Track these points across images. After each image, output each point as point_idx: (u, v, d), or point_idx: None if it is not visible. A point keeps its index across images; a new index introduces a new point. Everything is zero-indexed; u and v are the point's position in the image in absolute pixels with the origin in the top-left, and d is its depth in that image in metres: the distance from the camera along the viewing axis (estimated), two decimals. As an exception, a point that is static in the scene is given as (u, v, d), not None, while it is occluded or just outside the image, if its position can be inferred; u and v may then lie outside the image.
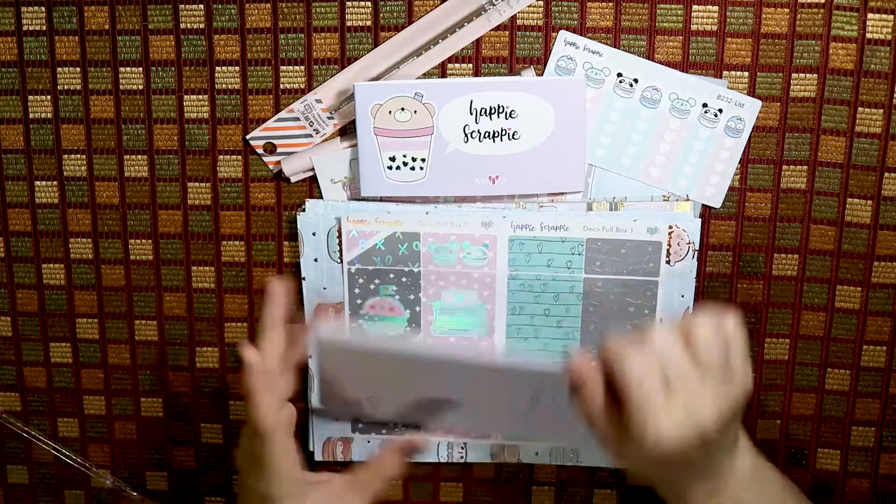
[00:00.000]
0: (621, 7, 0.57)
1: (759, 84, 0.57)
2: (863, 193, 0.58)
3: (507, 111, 0.55)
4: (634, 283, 0.59)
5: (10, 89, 0.60)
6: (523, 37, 0.57)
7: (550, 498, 0.64)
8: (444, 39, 0.58)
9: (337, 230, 0.59)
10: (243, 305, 0.63)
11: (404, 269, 0.59)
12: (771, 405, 0.62)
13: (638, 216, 0.57)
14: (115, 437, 0.66)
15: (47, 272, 0.63)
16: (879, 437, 0.62)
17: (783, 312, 0.60)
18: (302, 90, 0.59)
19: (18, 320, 0.64)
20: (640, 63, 0.57)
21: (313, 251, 0.60)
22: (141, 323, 0.63)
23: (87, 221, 0.62)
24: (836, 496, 0.63)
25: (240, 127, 0.60)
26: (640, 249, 0.58)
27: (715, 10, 0.56)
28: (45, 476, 0.67)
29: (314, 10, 0.58)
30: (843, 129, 0.57)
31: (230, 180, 0.61)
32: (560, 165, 0.56)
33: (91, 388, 0.65)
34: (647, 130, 0.58)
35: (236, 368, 0.64)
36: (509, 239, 0.58)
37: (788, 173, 0.58)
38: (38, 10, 0.59)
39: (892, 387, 0.61)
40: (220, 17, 0.58)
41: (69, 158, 0.61)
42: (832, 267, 0.59)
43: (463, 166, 0.56)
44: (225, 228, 0.61)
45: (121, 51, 0.59)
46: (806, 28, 0.56)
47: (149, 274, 0.63)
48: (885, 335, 0.60)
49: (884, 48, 0.56)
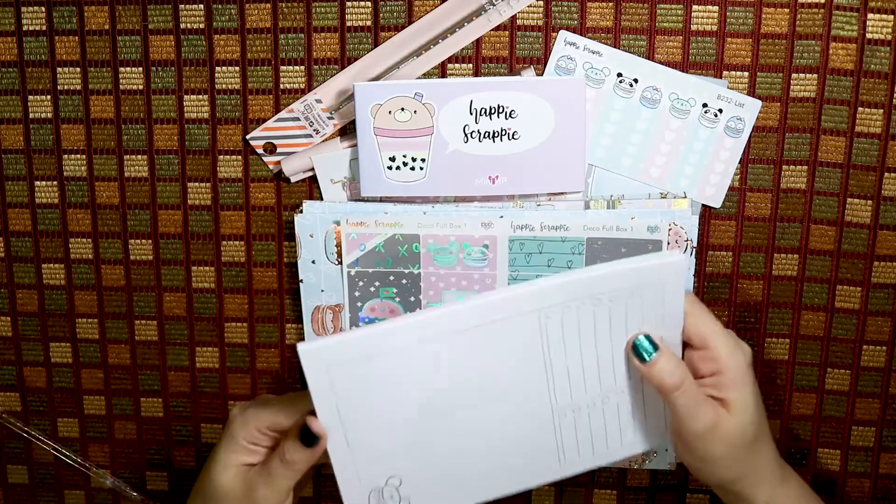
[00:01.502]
0: (621, 7, 0.57)
1: (759, 84, 0.57)
2: (863, 193, 0.58)
3: (507, 111, 0.55)
4: None
5: (10, 89, 0.60)
6: (523, 37, 0.57)
7: (550, 498, 0.64)
8: (443, 39, 0.58)
9: (335, 233, 0.59)
10: (243, 305, 0.63)
11: (404, 272, 0.59)
12: (771, 405, 0.62)
13: (635, 214, 0.57)
14: (115, 437, 0.66)
15: (47, 272, 0.63)
16: (879, 436, 0.62)
17: (783, 312, 0.60)
18: (302, 90, 0.59)
19: (18, 320, 0.64)
20: (641, 63, 0.57)
21: (311, 253, 0.60)
22: (141, 323, 0.63)
23: (87, 221, 0.62)
24: (837, 496, 0.63)
25: (240, 127, 0.60)
26: (641, 248, 0.58)
27: (715, 10, 0.56)
28: (45, 476, 0.67)
29: (314, 10, 0.58)
30: (843, 130, 0.57)
31: (230, 180, 0.61)
32: (560, 165, 0.56)
33: (91, 388, 0.65)
34: (647, 130, 0.58)
35: (236, 368, 0.64)
36: (509, 239, 0.58)
37: (788, 173, 0.58)
38: (38, 10, 0.59)
39: (892, 387, 0.61)
40: (220, 17, 0.58)
41: (69, 158, 0.61)
42: (832, 267, 0.59)
43: (463, 166, 0.56)
44: (225, 228, 0.61)
45: (121, 51, 0.59)
46: (806, 28, 0.56)
47: (149, 274, 0.63)
48: (885, 335, 0.60)
49: (884, 48, 0.56)
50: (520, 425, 0.49)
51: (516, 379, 0.47)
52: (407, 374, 0.45)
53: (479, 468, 0.49)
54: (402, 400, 0.46)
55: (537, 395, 0.48)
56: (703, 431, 0.46)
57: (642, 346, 0.47)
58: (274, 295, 0.62)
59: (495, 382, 0.47)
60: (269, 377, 0.64)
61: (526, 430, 0.49)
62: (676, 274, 0.46)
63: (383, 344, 0.44)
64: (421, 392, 0.46)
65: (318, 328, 0.61)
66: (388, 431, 0.47)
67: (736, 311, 0.60)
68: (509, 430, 0.49)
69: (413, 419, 0.47)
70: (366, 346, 0.44)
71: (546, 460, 0.50)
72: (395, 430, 0.47)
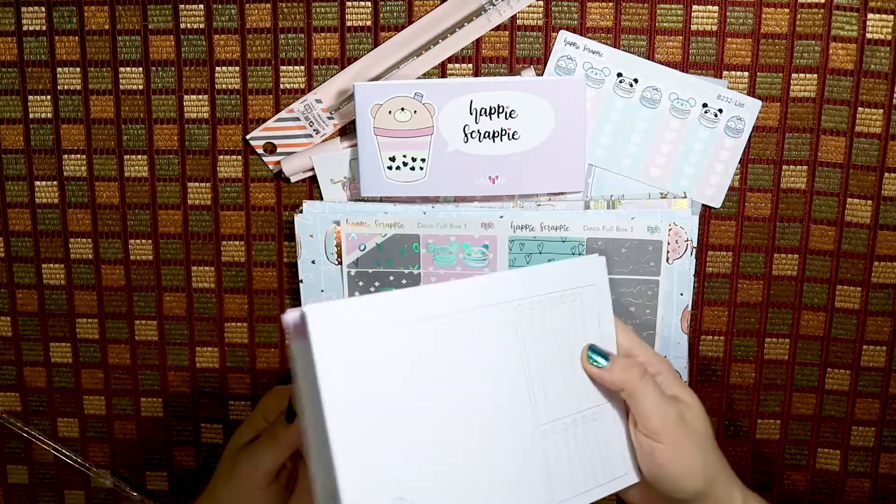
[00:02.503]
0: (621, 7, 0.57)
1: (759, 84, 0.57)
2: (863, 193, 0.58)
3: (507, 111, 0.55)
4: (635, 282, 0.59)
5: (10, 89, 0.60)
6: (523, 37, 0.57)
7: None
8: (444, 39, 0.58)
9: (335, 233, 0.59)
10: (243, 305, 0.63)
11: (404, 272, 0.59)
12: (771, 405, 0.62)
13: (636, 214, 0.57)
14: (115, 437, 0.66)
15: (47, 272, 0.63)
16: (879, 436, 0.62)
17: (783, 312, 0.60)
18: (302, 90, 0.59)
19: (18, 320, 0.64)
20: (641, 63, 0.57)
21: (311, 253, 0.60)
22: (141, 323, 0.64)
23: (87, 221, 0.62)
24: (837, 496, 0.63)
25: (240, 127, 0.60)
26: (641, 249, 0.58)
27: (715, 10, 0.56)
28: (45, 476, 0.67)
29: (314, 11, 0.58)
30: (843, 129, 0.57)
31: (230, 180, 0.61)
32: (560, 165, 0.56)
33: (91, 388, 0.65)
34: (647, 130, 0.58)
35: (236, 368, 0.64)
36: (509, 239, 0.58)
37: (788, 173, 0.58)
38: (38, 10, 0.59)
39: (892, 387, 0.61)
40: (220, 17, 0.58)
41: (69, 158, 0.61)
42: (832, 267, 0.59)
43: (463, 166, 0.56)
44: (225, 228, 0.61)
45: (121, 51, 0.59)
46: (806, 28, 0.56)
47: (149, 274, 0.63)
48: (885, 335, 0.60)
49: (884, 48, 0.56)
50: (503, 447, 0.46)
51: (498, 389, 0.46)
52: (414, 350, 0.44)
53: (465, 483, 0.45)
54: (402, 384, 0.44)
55: (517, 407, 0.47)
56: (673, 420, 0.47)
57: (596, 353, 0.48)
58: (274, 295, 0.62)
59: (473, 379, 0.46)
60: (268, 377, 0.64)
61: (510, 452, 0.47)
62: (599, 273, 0.50)
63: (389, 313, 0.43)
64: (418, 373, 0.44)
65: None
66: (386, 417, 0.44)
67: (736, 311, 0.60)
68: (493, 449, 0.46)
69: (410, 411, 0.44)
70: (373, 312, 0.42)
71: (533, 487, 0.48)
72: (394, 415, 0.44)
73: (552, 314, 0.48)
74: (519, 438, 0.47)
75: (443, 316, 0.44)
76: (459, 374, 0.45)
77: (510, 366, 0.47)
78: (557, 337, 0.48)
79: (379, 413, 0.43)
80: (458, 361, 0.45)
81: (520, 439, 0.47)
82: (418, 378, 0.44)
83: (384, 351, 0.42)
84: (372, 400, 0.42)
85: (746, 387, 0.61)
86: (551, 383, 0.48)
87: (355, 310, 0.41)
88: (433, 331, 0.44)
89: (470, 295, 0.45)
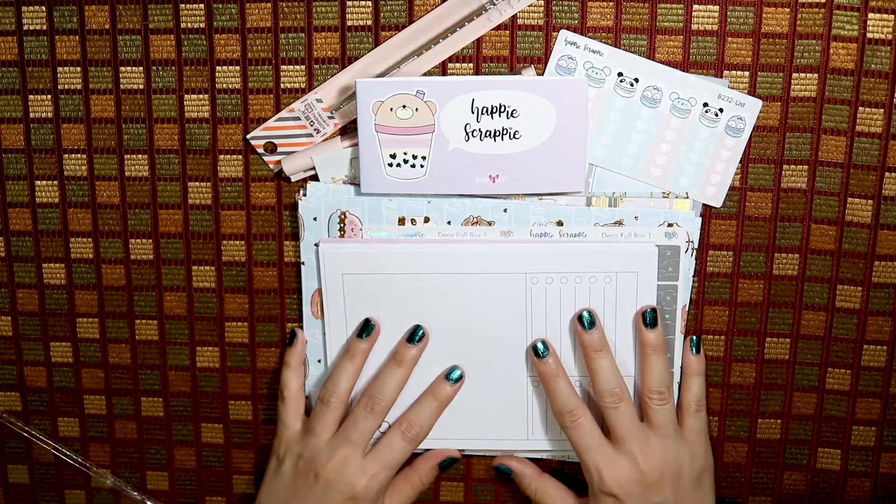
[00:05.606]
0: (622, 7, 0.57)
1: (760, 84, 0.57)
2: (863, 193, 0.58)
3: (509, 110, 0.55)
4: (658, 287, 0.58)
5: (10, 89, 0.60)
6: (524, 36, 0.57)
7: None
8: (444, 39, 0.58)
9: (339, 216, 0.59)
10: (244, 305, 0.63)
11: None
12: (771, 405, 0.62)
13: (638, 213, 0.57)
14: (116, 437, 0.66)
15: (47, 272, 0.63)
16: (880, 436, 0.62)
17: (783, 312, 0.60)
18: (302, 90, 0.59)
19: (19, 320, 0.64)
20: (641, 62, 0.57)
21: (314, 236, 0.59)
22: (141, 323, 0.63)
23: (88, 221, 0.62)
24: (837, 496, 0.63)
25: (240, 126, 0.60)
26: (661, 254, 0.58)
27: (715, 10, 0.56)
28: (45, 476, 0.67)
29: (315, 10, 0.58)
30: (843, 129, 0.57)
31: (230, 180, 0.61)
32: (561, 165, 0.56)
33: (91, 388, 0.65)
34: (647, 130, 0.58)
35: (237, 368, 0.64)
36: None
37: (789, 173, 0.58)
38: (39, 10, 0.59)
39: (893, 386, 0.61)
40: (221, 16, 0.58)
41: (69, 158, 0.61)
42: (832, 267, 0.59)
43: (463, 165, 0.56)
44: (225, 228, 0.61)
45: (121, 50, 0.59)
46: (806, 28, 0.56)
47: (149, 273, 0.63)
48: (886, 335, 0.60)
49: (884, 48, 0.56)
50: (493, 380, 0.59)
51: (500, 334, 0.58)
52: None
53: (454, 413, 0.59)
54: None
55: (515, 351, 0.58)
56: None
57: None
58: (274, 294, 0.62)
59: (481, 327, 0.58)
60: (269, 377, 0.64)
61: (501, 392, 0.59)
62: (650, 262, 0.56)
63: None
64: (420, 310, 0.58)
65: (317, 311, 0.61)
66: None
67: (736, 310, 0.60)
68: (485, 381, 0.59)
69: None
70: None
71: (513, 426, 0.60)
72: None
73: (585, 290, 0.57)
74: (507, 380, 0.59)
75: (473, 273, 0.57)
76: (470, 313, 0.58)
77: (517, 313, 0.58)
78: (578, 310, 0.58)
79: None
80: (472, 305, 0.58)
81: (508, 382, 0.59)
82: (428, 307, 0.58)
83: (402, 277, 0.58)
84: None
85: (747, 386, 0.61)
86: (554, 344, 0.58)
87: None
88: (455, 280, 0.57)
89: (511, 259, 0.57)
